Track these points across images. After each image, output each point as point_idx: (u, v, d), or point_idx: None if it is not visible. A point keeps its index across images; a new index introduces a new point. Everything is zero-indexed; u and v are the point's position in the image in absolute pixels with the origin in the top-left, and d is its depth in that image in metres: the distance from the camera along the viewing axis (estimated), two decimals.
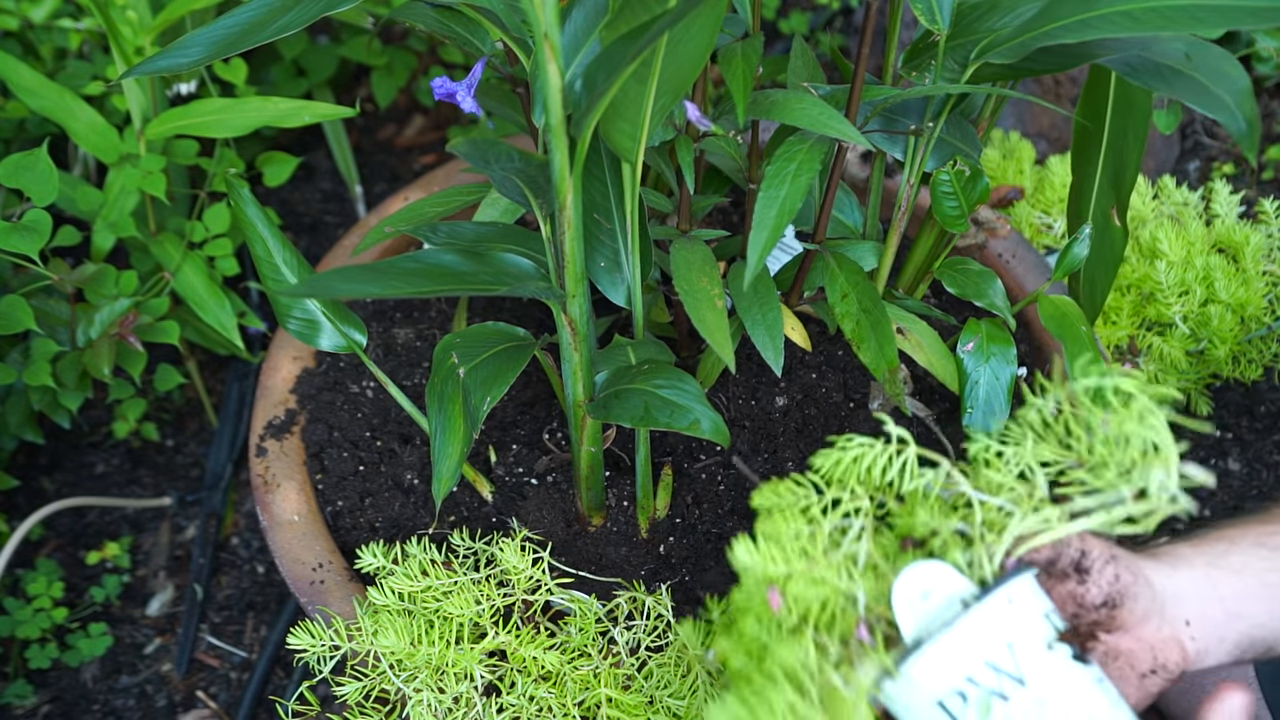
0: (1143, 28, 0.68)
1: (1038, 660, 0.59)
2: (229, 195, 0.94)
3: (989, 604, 0.59)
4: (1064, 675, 0.59)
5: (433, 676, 0.82)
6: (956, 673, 0.58)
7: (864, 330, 0.87)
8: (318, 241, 1.56)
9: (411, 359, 1.12)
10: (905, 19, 1.53)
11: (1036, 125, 1.55)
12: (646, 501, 0.95)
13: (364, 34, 1.50)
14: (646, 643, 0.86)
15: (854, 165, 1.21)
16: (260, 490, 1.01)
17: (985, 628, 0.59)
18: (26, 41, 1.31)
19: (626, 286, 0.87)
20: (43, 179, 1.04)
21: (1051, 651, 0.59)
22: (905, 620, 0.59)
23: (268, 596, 1.30)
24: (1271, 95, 1.64)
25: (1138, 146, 0.87)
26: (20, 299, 1.07)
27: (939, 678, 0.59)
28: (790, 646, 0.58)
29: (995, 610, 0.59)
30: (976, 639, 0.59)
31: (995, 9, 0.80)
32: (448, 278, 0.79)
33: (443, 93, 0.83)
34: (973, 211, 0.90)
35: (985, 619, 0.59)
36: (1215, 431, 1.37)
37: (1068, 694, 0.58)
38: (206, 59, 0.74)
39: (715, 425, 0.77)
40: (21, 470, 1.35)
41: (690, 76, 0.69)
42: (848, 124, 0.75)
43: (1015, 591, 0.60)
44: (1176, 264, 1.24)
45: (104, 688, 1.23)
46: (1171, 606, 0.65)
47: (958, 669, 0.58)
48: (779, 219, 0.77)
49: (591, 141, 0.70)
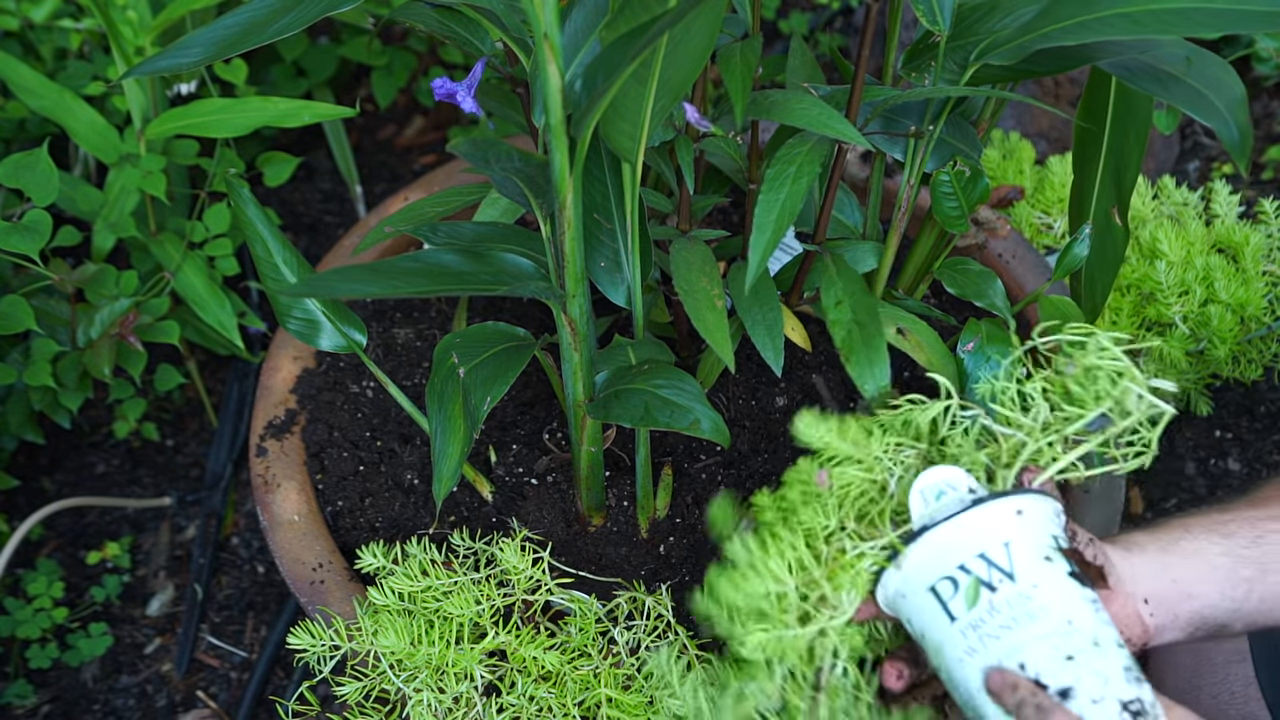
0: (1142, 30, 0.68)
1: (1032, 563, 0.63)
2: (229, 195, 0.94)
3: (995, 505, 0.64)
4: (1055, 582, 0.62)
5: (433, 676, 0.82)
6: (951, 559, 0.63)
7: (854, 342, 0.83)
8: (318, 241, 1.56)
9: (411, 359, 1.12)
10: (905, 19, 1.53)
11: (1036, 125, 1.55)
12: (646, 501, 0.95)
13: (364, 34, 1.50)
14: (647, 643, 0.86)
15: (854, 165, 1.21)
16: (260, 490, 1.01)
17: (986, 524, 0.63)
18: (27, 42, 1.31)
19: (626, 286, 0.87)
20: (43, 179, 1.04)
21: (1049, 562, 0.63)
22: (917, 512, 0.65)
23: (268, 596, 1.30)
24: (1271, 95, 1.64)
25: (1138, 147, 0.87)
26: (21, 299, 1.07)
27: (935, 562, 0.63)
28: (815, 511, 0.66)
29: (1000, 513, 0.64)
30: (975, 531, 0.63)
31: (995, 10, 0.80)
32: (448, 278, 0.79)
33: (443, 93, 0.83)
34: (973, 212, 0.90)
35: (988, 517, 0.63)
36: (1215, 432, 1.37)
37: (1054, 597, 0.62)
38: (207, 59, 0.74)
39: (715, 425, 0.77)
40: (22, 470, 1.35)
41: (690, 77, 0.69)
42: (848, 124, 0.75)
43: (1027, 506, 0.64)
44: (1176, 264, 1.24)
45: (104, 687, 1.24)
46: (1129, 585, 0.69)
47: (953, 556, 0.63)
48: (779, 222, 0.77)
49: (591, 141, 0.71)
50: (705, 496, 0.99)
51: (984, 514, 0.63)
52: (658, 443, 1.02)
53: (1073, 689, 0.58)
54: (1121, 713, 0.58)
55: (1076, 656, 0.59)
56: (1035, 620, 0.61)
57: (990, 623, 0.61)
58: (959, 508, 0.64)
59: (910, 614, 0.65)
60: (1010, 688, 0.60)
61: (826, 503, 0.67)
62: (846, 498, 0.67)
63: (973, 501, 0.64)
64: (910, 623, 0.65)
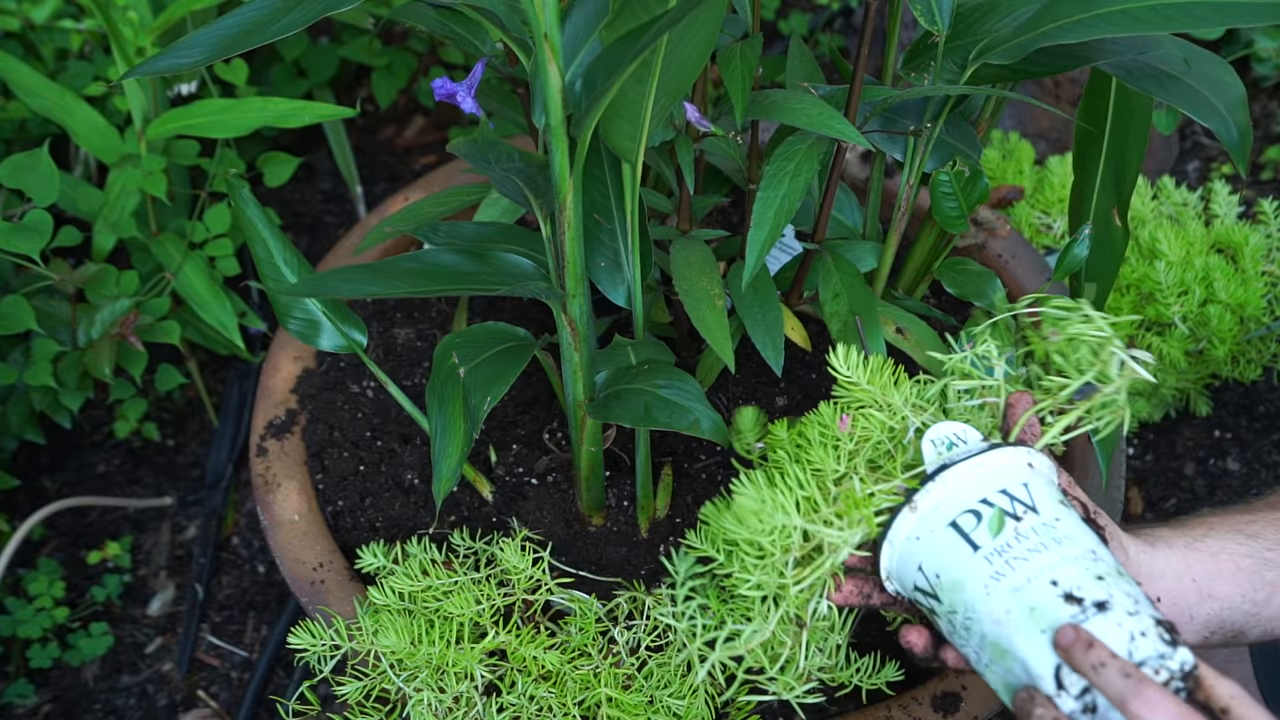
0: (1141, 26, 0.68)
1: (1051, 502, 0.64)
2: (229, 195, 0.94)
3: (1012, 450, 0.65)
4: (1074, 520, 0.64)
5: (433, 676, 0.83)
6: (972, 495, 0.64)
7: (850, 335, 0.85)
8: (318, 241, 1.56)
9: (412, 359, 1.12)
10: (905, 19, 1.53)
11: (1036, 125, 1.55)
12: (646, 501, 0.95)
13: (364, 34, 1.50)
14: (647, 642, 0.86)
15: (854, 165, 1.21)
16: (261, 490, 1.01)
17: (1006, 465, 0.65)
18: (28, 42, 1.31)
19: (626, 286, 0.87)
20: (44, 179, 1.04)
21: (1064, 505, 0.64)
22: (930, 459, 0.66)
23: (268, 596, 1.30)
24: (1271, 95, 1.65)
25: (1138, 147, 0.87)
26: (22, 299, 1.07)
27: (956, 498, 0.64)
28: (827, 453, 0.66)
29: (1017, 457, 0.65)
30: (996, 470, 0.64)
31: (994, 10, 0.80)
32: (448, 278, 0.79)
33: (443, 93, 0.83)
34: (972, 212, 0.90)
35: (1007, 458, 0.65)
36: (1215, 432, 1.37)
37: (1076, 530, 0.63)
38: (207, 59, 0.74)
39: (715, 425, 0.77)
40: (22, 470, 1.35)
41: (690, 77, 0.69)
42: (847, 124, 0.76)
43: (1037, 460, 0.66)
44: (1176, 264, 1.24)
45: (105, 687, 1.24)
46: (1145, 581, 0.68)
47: (974, 491, 0.64)
48: (777, 218, 0.77)
49: (591, 141, 0.71)
50: (705, 496, 0.99)
51: (1003, 455, 0.65)
52: (658, 443, 1.02)
53: (1109, 602, 0.59)
54: (1157, 627, 0.58)
55: (1106, 578, 0.60)
56: (1062, 545, 0.62)
57: (1017, 547, 0.62)
58: (978, 449, 0.65)
59: (925, 555, 0.64)
60: (1084, 644, 0.56)
61: (842, 447, 0.67)
62: (864, 444, 0.68)
63: (989, 446, 0.66)
64: (922, 568, 0.64)
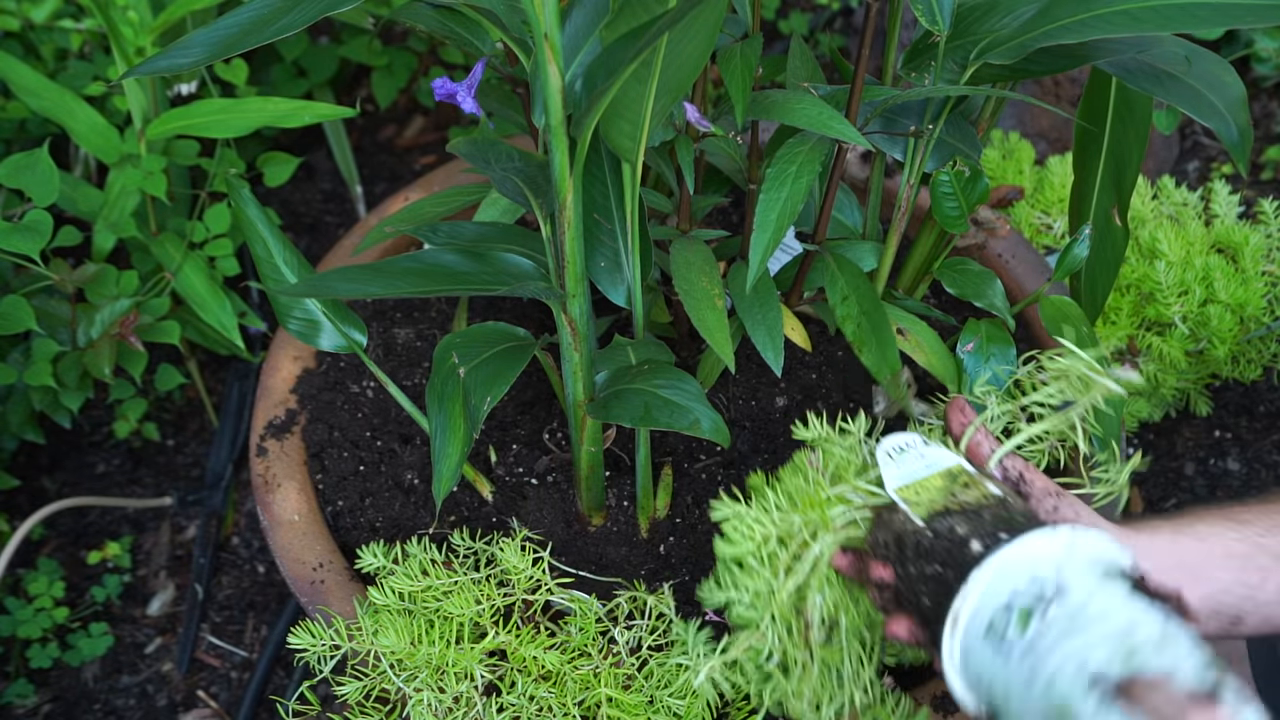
0: (1141, 26, 0.68)
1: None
2: (229, 195, 0.94)
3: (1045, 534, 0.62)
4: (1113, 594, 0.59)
5: (433, 676, 0.83)
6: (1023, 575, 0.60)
7: (865, 333, 0.87)
8: (318, 241, 1.56)
9: (411, 359, 1.12)
10: (905, 19, 1.53)
11: (1036, 125, 1.55)
12: (646, 501, 0.95)
13: (364, 34, 1.50)
14: (647, 642, 0.86)
15: (854, 165, 1.21)
16: (261, 490, 1.01)
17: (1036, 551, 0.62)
18: (28, 42, 1.31)
19: (626, 286, 0.87)
20: (44, 179, 1.04)
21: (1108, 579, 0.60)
22: (884, 467, 0.71)
23: (268, 596, 1.30)
24: (1271, 95, 1.64)
25: (1138, 147, 0.87)
26: (21, 299, 1.07)
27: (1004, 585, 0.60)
28: (797, 477, 0.73)
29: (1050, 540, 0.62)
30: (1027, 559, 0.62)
31: (995, 10, 0.80)
32: (448, 278, 0.79)
33: (443, 93, 0.83)
34: (972, 212, 0.90)
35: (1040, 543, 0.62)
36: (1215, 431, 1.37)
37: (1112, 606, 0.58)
38: (207, 59, 0.74)
39: (715, 425, 0.77)
40: (22, 470, 1.35)
41: (690, 77, 0.69)
42: (848, 124, 0.76)
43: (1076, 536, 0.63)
44: (1176, 264, 1.24)
45: (105, 687, 1.24)
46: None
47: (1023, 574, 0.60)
48: (780, 221, 0.77)
49: (591, 141, 0.71)
50: (705, 496, 0.99)
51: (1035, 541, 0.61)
52: (658, 443, 1.02)
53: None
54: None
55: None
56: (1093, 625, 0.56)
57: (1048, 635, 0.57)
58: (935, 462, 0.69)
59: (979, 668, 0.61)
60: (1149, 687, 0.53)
61: (811, 475, 0.73)
62: (831, 471, 0.74)
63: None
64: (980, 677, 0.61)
